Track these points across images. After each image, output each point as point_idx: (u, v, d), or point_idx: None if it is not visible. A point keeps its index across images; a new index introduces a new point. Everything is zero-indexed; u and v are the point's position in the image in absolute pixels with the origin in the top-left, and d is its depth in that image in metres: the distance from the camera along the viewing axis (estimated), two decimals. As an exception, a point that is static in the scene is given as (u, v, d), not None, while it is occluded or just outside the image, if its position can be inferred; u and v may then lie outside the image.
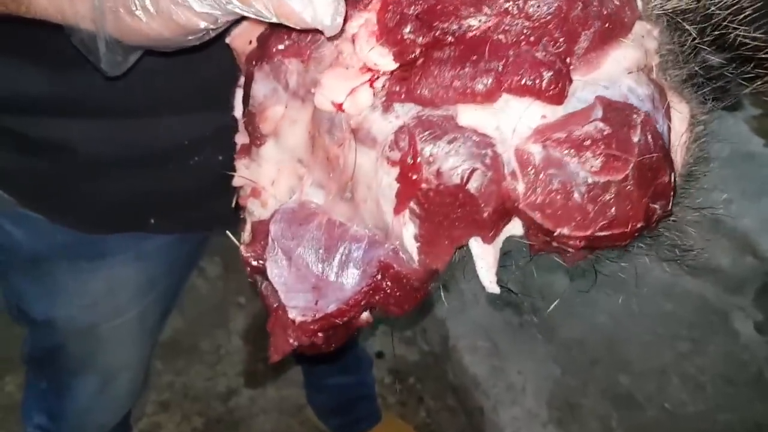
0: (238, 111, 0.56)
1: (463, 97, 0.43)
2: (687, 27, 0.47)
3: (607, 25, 0.44)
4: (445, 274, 0.49)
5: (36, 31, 0.46)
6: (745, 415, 1.76)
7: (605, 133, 0.42)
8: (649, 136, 0.43)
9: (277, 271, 0.48)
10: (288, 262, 0.48)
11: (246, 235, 0.55)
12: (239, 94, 0.55)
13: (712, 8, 0.47)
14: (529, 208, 0.43)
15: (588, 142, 0.42)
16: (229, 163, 0.57)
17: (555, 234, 0.43)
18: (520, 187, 0.43)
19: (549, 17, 0.42)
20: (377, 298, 0.48)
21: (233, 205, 0.57)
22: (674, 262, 0.59)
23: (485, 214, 0.43)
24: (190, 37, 0.44)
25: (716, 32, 0.48)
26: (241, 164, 0.55)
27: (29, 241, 0.90)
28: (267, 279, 0.49)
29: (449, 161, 0.42)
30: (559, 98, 0.43)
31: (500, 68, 0.42)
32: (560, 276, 1.75)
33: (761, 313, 1.98)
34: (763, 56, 0.50)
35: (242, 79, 0.55)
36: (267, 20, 0.42)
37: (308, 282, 0.48)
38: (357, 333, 0.55)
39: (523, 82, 0.42)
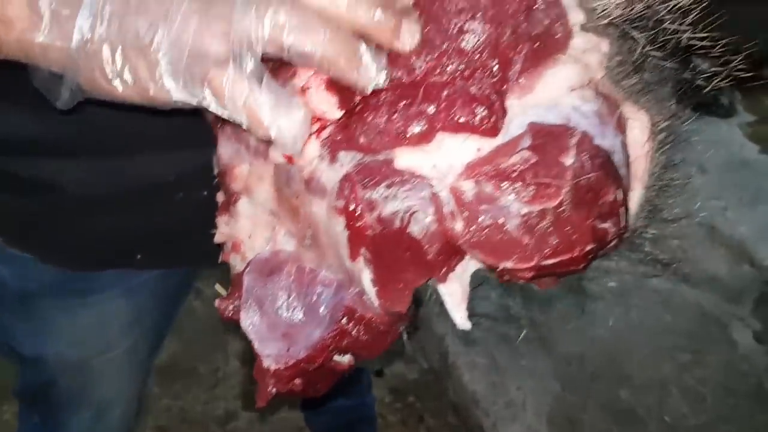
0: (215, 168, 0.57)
1: (398, 141, 0.43)
2: (635, 35, 0.46)
3: (537, 44, 0.43)
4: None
5: (21, 73, 0.46)
6: (745, 427, 1.75)
7: (532, 161, 0.42)
8: (585, 157, 0.42)
9: (249, 321, 0.49)
10: (260, 311, 0.49)
11: (230, 289, 0.55)
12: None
13: (662, 13, 0.46)
14: (468, 247, 0.43)
15: (515, 173, 0.42)
16: (213, 199, 0.57)
17: (500, 269, 0.43)
18: (459, 226, 0.42)
19: (481, 48, 0.42)
20: (345, 342, 0.48)
21: (220, 261, 0.58)
22: (657, 276, 0.58)
23: (430, 256, 0.43)
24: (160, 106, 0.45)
25: (666, 37, 0.47)
26: (221, 221, 0.56)
27: (16, 279, 0.90)
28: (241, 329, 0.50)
29: (388, 206, 0.42)
30: (492, 132, 0.43)
31: (433, 109, 0.42)
32: (558, 289, 1.75)
33: (760, 323, 1.98)
34: (715, 55, 0.50)
35: None
36: (238, 123, 0.43)
37: (279, 330, 0.49)
38: (346, 376, 0.55)
39: (455, 120, 0.42)
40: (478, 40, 0.42)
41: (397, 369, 2.01)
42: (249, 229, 0.54)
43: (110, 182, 0.77)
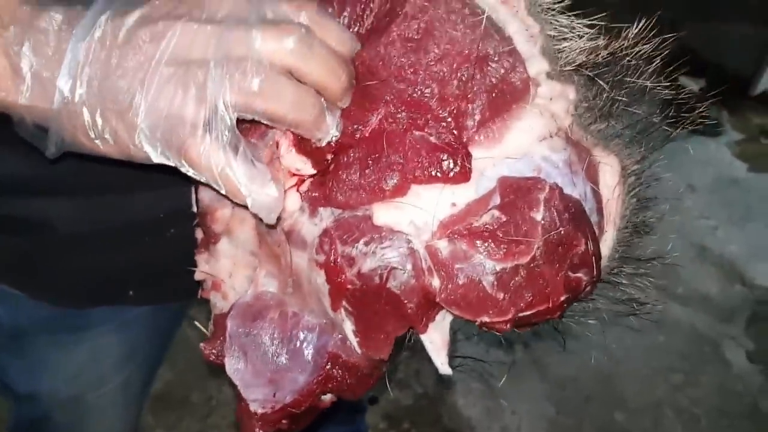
0: (195, 208, 0.58)
1: (374, 197, 0.44)
2: (600, 81, 0.47)
3: (495, 94, 0.45)
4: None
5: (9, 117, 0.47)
6: (741, 448, 1.75)
7: (502, 221, 0.43)
8: (555, 211, 0.43)
9: (234, 368, 0.50)
10: (244, 357, 0.50)
11: (211, 323, 0.56)
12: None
13: (626, 59, 0.48)
14: (446, 304, 0.44)
15: (487, 233, 0.43)
16: None
17: (477, 322, 0.44)
18: (436, 283, 0.43)
19: (428, 98, 0.44)
20: (330, 385, 0.49)
21: (199, 297, 0.58)
22: (633, 315, 0.59)
23: (409, 310, 0.44)
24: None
25: (631, 82, 0.48)
26: (201, 259, 0.57)
27: (10, 317, 0.90)
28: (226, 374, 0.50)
29: (368, 263, 0.44)
30: (463, 176, 0.44)
31: (400, 161, 0.44)
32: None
33: (753, 342, 1.98)
34: (681, 101, 0.51)
35: None
36: (215, 189, 0.44)
37: (264, 376, 0.49)
38: (326, 412, 0.55)
39: (425, 171, 0.44)
40: (426, 90, 0.44)
41: (392, 395, 2.00)
42: (230, 268, 0.55)
43: (101, 220, 0.78)
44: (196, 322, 0.58)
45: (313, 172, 0.46)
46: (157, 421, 1.90)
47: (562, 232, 0.43)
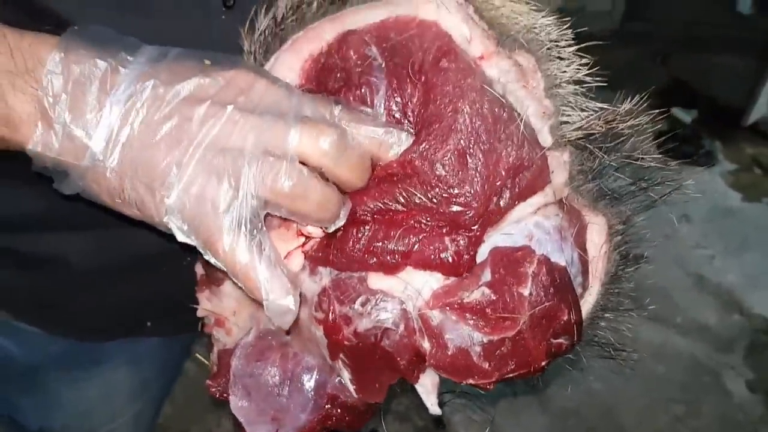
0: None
1: (370, 269, 0.47)
2: (594, 150, 0.50)
3: (518, 196, 0.48)
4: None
5: (26, 155, 0.47)
6: (743, 479, 1.74)
7: (492, 299, 0.46)
8: (542, 285, 0.46)
9: (239, 406, 0.52)
10: (248, 397, 0.52)
11: (213, 358, 0.59)
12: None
13: (620, 127, 0.50)
14: (435, 368, 0.47)
15: (477, 308, 0.46)
16: None
17: (463, 383, 0.48)
18: (426, 345, 0.47)
19: (458, 204, 0.46)
20: (330, 423, 0.52)
21: (200, 330, 0.59)
22: (611, 359, 0.61)
23: (401, 365, 0.47)
24: None
25: (624, 153, 0.51)
26: (203, 297, 0.59)
27: (23, 353, 0.90)
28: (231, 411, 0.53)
29: (363, 322, 0.47)
30: (456, 274, 0.47)
31: (405, 250, 0.46)
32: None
33: (752, 372, 1.99)
34: (668, 171, 0.54)
35: None
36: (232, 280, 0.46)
37: (267, 414, 0.52)
38: None
39: (428, 263, 0.46)
40: (466, 214, 0.46)
41: (392, 427, 1.99)
42: (233, 306, 0.57)
43: (115, 253, 0.79)
44: (198, 355, 0.59)
45: (321, 234, 0.49)
46: (157, 456, 1.87)
47: (547, 306, 0.46)
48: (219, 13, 0.60)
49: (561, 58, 0.50)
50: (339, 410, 0.52)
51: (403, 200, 0.46)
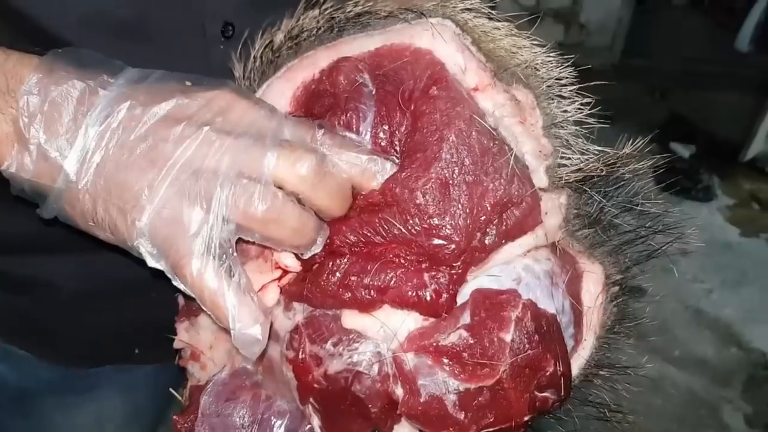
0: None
1: (345, 305, 0.44)
2: (593, 194, 0.47)
3: (506, 235, 0.45)
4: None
5: None
6: None
7: (469, 343, 0.42)
8: (525, 332, 0.43)
9: None
10: None
11: (186, 393, 0.56)
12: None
13: (621, 171, 0.47)
14: (407, 416, 0.44)
15: (453, 353, 0.42)
16: None
17: None
18: (399, 392, 0.43)
19: (448, 253, 0.43)
20: None
21: (176, 363, 0.58)
22: (604, 421, 0.58)
23: (373, 413, 0.44)
24: None
25: (625, 198, 0.48)
26: (182, 328, 0.57)
27: (15, 377, 0.89)
28: None
29: (334, 364, 0.44)
30: (435, 315, 0.44)
31: (382, 285, 0.43)
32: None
33: (750, 406, 1.97)
34: (669, 219, 0.51)
35: None
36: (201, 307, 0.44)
37: None
38: None
39: (405, 301, 0.43)
40: (447, 248, 0.43)
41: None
42: (210, 341, 0.54)
43: (104, 277, 0.77)
44: (171, 389, 0.58)
45: (299, 268, 0.47)
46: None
47: (531, 355, 0.43)
48: (218, 42, 0.59)
49: (562, 97, 0.47)
50: None
51: (382, 231, 0.43)
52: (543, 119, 0.46)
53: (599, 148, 0.47)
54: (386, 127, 0.45)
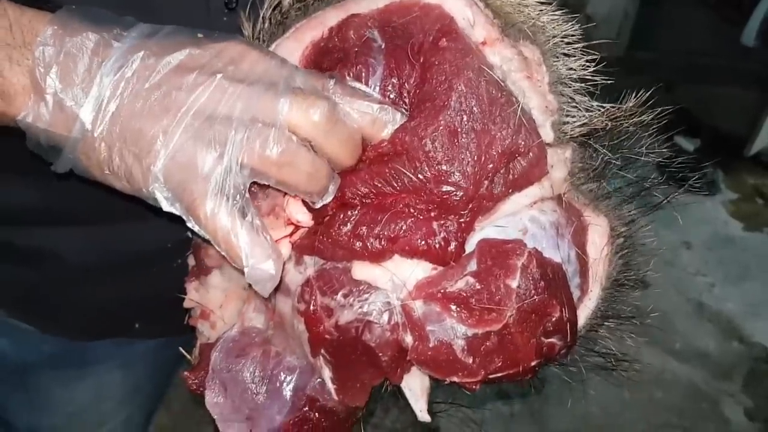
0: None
1: (355, 256, 0.45)
2: (598, 147, 0.49)
3: (513, 184, 0.46)
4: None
5: (22, 144, 0.47)
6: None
7: (476, 288, 0.43)
8: (531, 279, 0.44)
9: (214, 401, 0.50)
10: (224, 392, 0.50)
11: (195, 351, 0.57)
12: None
13: (624, 125, 0.49)
14: (416, 363, 0.45)
15: (461, 298, 0.43)
16: None
17: (447, 382, 0.45)
18: (409, 339, 0.44)
19: (457, 200, 0.44)
20: (306, 427, 0.50)
21: (186, 323, 0.58)
22: (610, 371, 0.58)
23: (384, 363, 0.45)
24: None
25: (626, 148, 0.50)
26: (191, 287, 0.57)
27: (16, 350, 0.89)
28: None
29: (345, 315, 0.45)
30: (443, 263, 0.45)
31: (392, 235, 0.44)
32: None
33: (751, 400, 1.97)
34: (673, 169, 0.53)
35: None
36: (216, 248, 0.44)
37: (242, 413, 0.50)
38: None
39: (414, 250, 0.44)
40: (455, 194, 0.44)
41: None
42: (220, 299, 0.55)
43: (108, 250, 0.78)
44: (181, 349, 0.58)
45: (310, 223, 0.47)
46: (150, 467, 1.86)
47: (537, 300, 0.44)
48: (221, 14, 0.60)
49: (567, 55, 0.48)
50: (317, 414, 0.49)
51: (392, 181, 0.44)
52: (549, 75, 0.47)
53: (603, 105, 0.49)
54: (395, 80, 0.46)
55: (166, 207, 0.43)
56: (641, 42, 3.38)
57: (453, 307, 0.44)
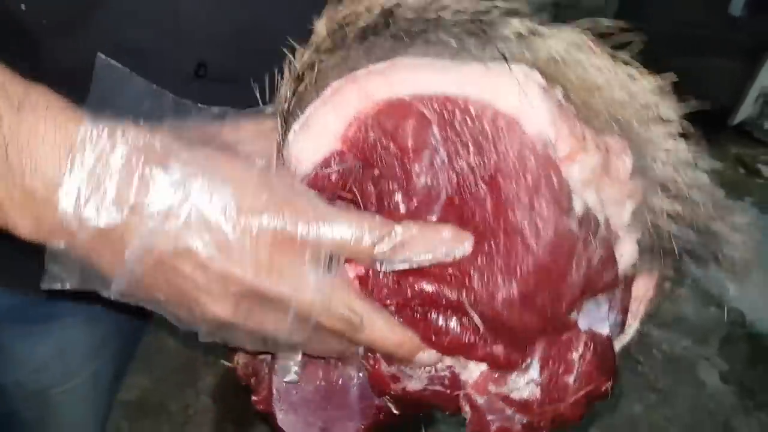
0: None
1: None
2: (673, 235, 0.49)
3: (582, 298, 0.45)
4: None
5: None
6: (713, 467, 1.77)
7: (539, 397, 0.45)
8: (586, 372, 0.45)
9: (286, 421, 0.51)
10: (294, 410, 0.51)
11: (240, 359, 0.56)
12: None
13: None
14: None
15: (523, 404, 0.45)
16: None
17: None
18: (468, 411, 0.46)
19: (527, 330, 0.43)
20: (378, 425, 0.52)
21: None
22: None
23: (446, 411, 0.48)
24: None
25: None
26: None
27: None
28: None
29: (413, 383, 0.46)
30: (510, 370, 0.46)
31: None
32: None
33: (726, 363, 2.01)
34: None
35: None
36: None
37: (315, 426, 0.51)
38: None
39: (479, 355, 0.44)
40: (527, 326, 0.43)
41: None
42: None
43: None
44: (224, 361, 0.58)
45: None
46: (132, 428, 1.88)
47: (592, 388, 0.45)
48: (190, 81, 0.59)
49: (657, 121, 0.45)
50: (386, 416, 0.51)
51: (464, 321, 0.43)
52: (633, 160, 0.45)
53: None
54: (459, 210, 0.40)
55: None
56: (628, 11, 3.36)
57: (514, 408, 0.45)
